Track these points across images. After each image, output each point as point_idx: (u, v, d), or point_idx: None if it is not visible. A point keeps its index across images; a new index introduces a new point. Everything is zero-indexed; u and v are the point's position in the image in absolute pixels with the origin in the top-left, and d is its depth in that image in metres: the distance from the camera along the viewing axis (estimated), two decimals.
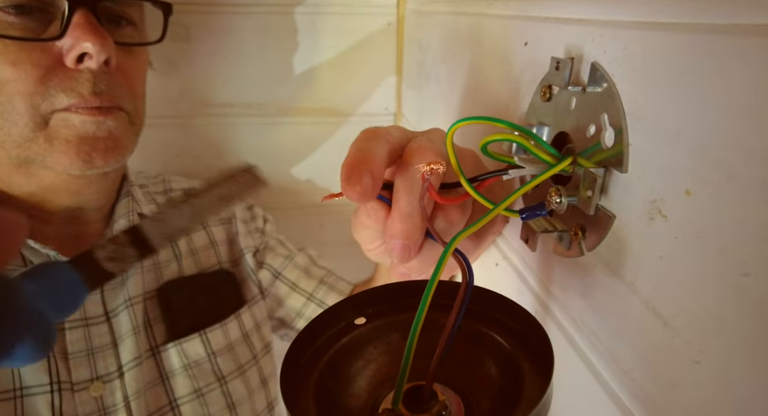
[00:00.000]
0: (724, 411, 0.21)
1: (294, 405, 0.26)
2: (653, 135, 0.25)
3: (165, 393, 0.54)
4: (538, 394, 0.24)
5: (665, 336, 0.24)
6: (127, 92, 0.51)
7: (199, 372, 0.56)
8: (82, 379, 0.48)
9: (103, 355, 0.50)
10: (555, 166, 0.30)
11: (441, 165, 0.27)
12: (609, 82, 0.28)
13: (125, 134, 0.51)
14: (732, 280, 0.20)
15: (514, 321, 0.30)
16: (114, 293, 0.53)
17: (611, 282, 0.28)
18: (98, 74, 0.47)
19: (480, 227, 0.28)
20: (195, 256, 0.61)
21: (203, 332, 0.57)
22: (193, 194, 0.31)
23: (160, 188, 0.66)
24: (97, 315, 0.51)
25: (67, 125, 0.46)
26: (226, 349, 0.58)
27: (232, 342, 0.59)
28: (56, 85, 0.46)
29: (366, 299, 0.33)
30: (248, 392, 0.60)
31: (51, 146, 0.47)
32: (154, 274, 0.57)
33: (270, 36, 0.79)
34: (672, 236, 0.24)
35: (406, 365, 0.25)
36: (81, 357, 0.49)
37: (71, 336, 0.49)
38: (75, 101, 0.46)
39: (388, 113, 0.87)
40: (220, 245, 0.64)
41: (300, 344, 0.30)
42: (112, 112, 0.48)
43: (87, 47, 0.45)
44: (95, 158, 0.47)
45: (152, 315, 0.55)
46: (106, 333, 0.51)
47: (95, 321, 0.51)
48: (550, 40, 0.35)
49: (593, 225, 0.30)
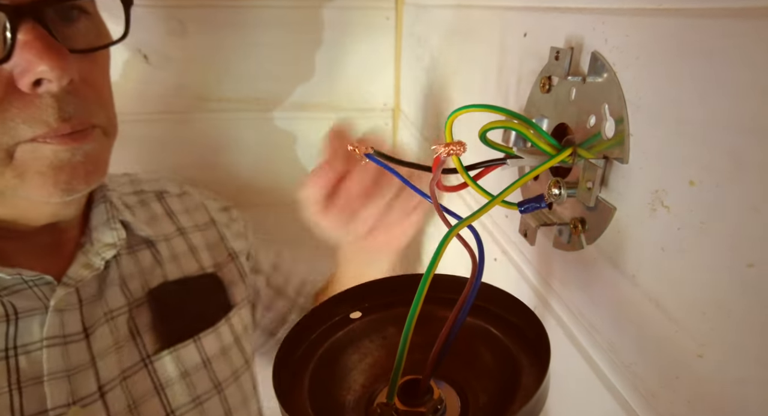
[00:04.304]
0: (728, 405, 0.21)
1: (288, 399, 0.26)
2: (656, 124, 0.24)
3: (161, 404, 0.49)
4: (535, 386, 0.23)
5: (667, 329, 0.24)
6: (97, 104, 0.44)
7: (197, 379, 0.52)
8: (59, 404, 0.42)
9: (81, 376, 0.44)
10: (555, 157, 0.30)
11: (461, 148, 0.26)
12: (610, 72, 0.27)
13: (103, 149, 0.45)
14: (737, 271, 0.20)
15: (510, 313, 0.30)
16: (92, 308, 0.47)
17: (612, 275, 0.28)
18: (62, 97, 0.39)
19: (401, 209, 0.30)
20: (177, 261, 0.56)
21: (197, 337, 0.53)
22: None
23: (128, 189, 0.60)
24: (76, 332, 0.45)
25: (37, 157, 0.40)
26: (220, 354, 0.55)
27: (225, 346, 0.56)
28: (15, 116, 0.38)
29: (361, 292, 0.32)
30: (243, 398, 0.57)
31: (23, 180, 0.40)
32: (139, 282, 0.52)
33: (267, 30, 0.78)
34: (675, 228, 0.23)
35: (401, 358, 0.24)
36: (58, 379, 0.43)
37: (48, 354, 0.43)
38: (41, 132, 0.39)
39: (387, 108, 0.87)
40: (201, 251, 0.59)
41: (293, 338, 0.29)
42: (86, 134, 0.42)
43: (43, 72, 0.37)
44: (76, 185, 0.42)
45: (141, 323, 0.50)
46: (85, 351, 0.45)
47: (74, 338, 0.45)
48: (549, 30, 0.34)
49: (593, 218, 0.29)
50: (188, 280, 0.56)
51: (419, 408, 0.25)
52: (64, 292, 0.45)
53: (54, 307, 0.44)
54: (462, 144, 0.26)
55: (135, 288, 0.52)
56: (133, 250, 0.53)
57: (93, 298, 0.48)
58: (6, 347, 0.42)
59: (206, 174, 0.84)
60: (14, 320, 0.43)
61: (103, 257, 0.49)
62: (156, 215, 0.59)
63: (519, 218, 0.36)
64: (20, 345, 0.42)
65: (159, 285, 0.53)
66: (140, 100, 0.79)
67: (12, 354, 0.42)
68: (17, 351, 0.42)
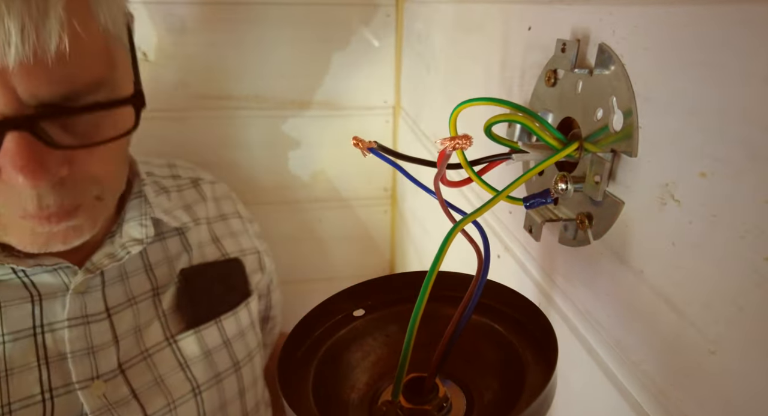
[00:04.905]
0: (741, 403, 0.20)
1: (292, 396, 0.25)
2: (666, 116, 0.23)
3: (186, 379, 0.53)
4: (542, 384, 0.23)
5: (678, 326, 0.23)
6: (92, 182, 0.42)
7: (218, 358, 0.56)
8: (83, 378, 0.46)
9: (104, 353, 0.48)
10: (561, 151, 0.29)
11: (467, 141, 0.25)
12: (617, 63, 0.27)
13: (91, 217, 0.43)
14: (751, 265, 0.19)
15: (514, 310, 0.29)
16: (115, 290, 0.50)
17: (619, 271, 0.27)
18: (44, 192, 0.38)
19: None
20: (203, 247, 0.59)
21: (219, 320, 0.56)
22: None
23: (167, 172, 0.63)
24: (98, 312, 0.49)
25: (17, 223, 0.40)
26: (238, 336, 0.58)
27: (243, 329, 0.59)
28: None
29: (364, 290, 0.32)
30: (254, 378, 0.60)
31: (5, 232, 0.41)
32: (166, 267, 0.55)
33: (267, 28, 0.78)
34: (685, 221, 0.23)
35: (406, 356, 0.24)
36: (81, 355, 0.46)
37: (71, 334, 0.46)
38: (20, 213, 0.39)
39: (387, 106, 0.86)
40: (227, 238, 0.63)
41: (297, 336, 0.29)
42: (69, 214, 0.41)
43: (20, 182, 0.36)
44: (53, 247, 0.42)
45: (166, 306, 0.54)
46: (108, 331, 0.49)
47: (96, 318, 0.48)
48: (554, 23, 0.34)
49: (600, 213, 0.29)
50: (215, 264, 0.59)
51: (424, 406, 0.24)
52: (84, 277, 0.47)
53: (74, 290, 0.47)
54: (468, 138, 0.25)
55: (161, 274, 0.54)
56: (162, 237, 0.56)
57: (117, 280, 0.51)
58: (33, 325, 0.45)
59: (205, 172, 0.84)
60: (38, 301, 0.46)
61: (128, 251, 0.50)
62: (190, 201, 0.62)
63: (522, 215, 0.35)
64: (46, 324, 0.46)
65: (186, 269, 0.56)
66: None
67: (39, 331, 0.46)
68: (44, 329, 0.46)
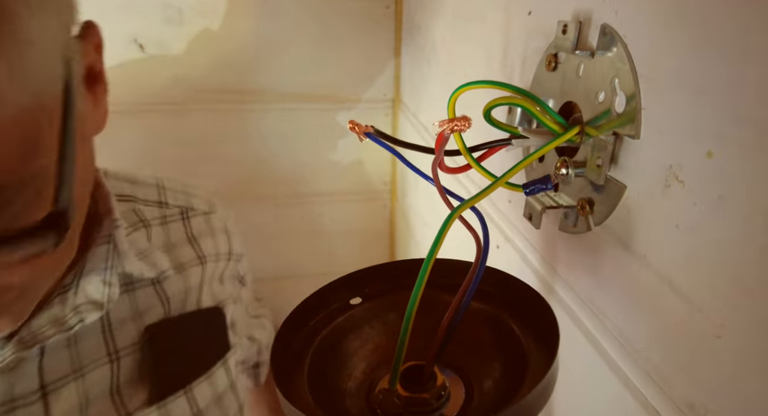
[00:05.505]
0: (748, 388, 0.20)
1: (287, 385, 0.25)
2: (670, 96, 0.23)
3: None
4: (543, 370, 0.22)
5: (682, 311, 0.23)
6: (19, 291, 0.31)
7: None
8: None
9: None
10: (562, 135, 0.29)
11: (465, 123, 0.24)
12: (620, 45, 0.26)
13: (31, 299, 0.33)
14: (759, 245, 0.19)
15: (515, 296, 0.28)
16: (56, 361, 0.38)
17: (621, 257, 0.27)
18: None
19: None
20: (183, 295, 0.47)
21: (189, 388, 0.45)
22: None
23: (154, 196, 0.50)
24: (29, 393, 0.37)
25: None
26: (213, 404, 0.47)
27: (218, 393, 0.48)
28: None
29: (361, 278, 0.31)
30: None
31: None
32: (131, 327, 0.43)
33: (266, 20, 0.77)
34: (690, 203, 0.22)
35: (403, 344, 0.23)
36: None
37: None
38: None
39: (387, 98, 0.85)
40: (212, 283, 0.52)
41: (292, 323, 0.28)
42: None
43: None
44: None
45: (124, 376, 0.41)
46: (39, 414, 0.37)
47: (25, 401, 0.36)
48: (555, 6, 0.33)
49: (602, 198, 0.28)
50: (189, 315, 0.47)
51: (422, 394, 0.24)
52: (13, 355, 0.35)
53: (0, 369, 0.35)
54: (467, 119, 0.24)
55: (123, 335, 0.42)
56: (132, 288, 0.44)
57: (61, 346, 0.38)
58: None
59: (204, 167, 0.83)
60: None
61: (81, 319, 0.38)
62: (175, 240, 0.50)
63: (521, 205, 0.35)
64: None
65: (152, 326, 0.44)
66: (135, 91, 0.78)
67: None
68: None
